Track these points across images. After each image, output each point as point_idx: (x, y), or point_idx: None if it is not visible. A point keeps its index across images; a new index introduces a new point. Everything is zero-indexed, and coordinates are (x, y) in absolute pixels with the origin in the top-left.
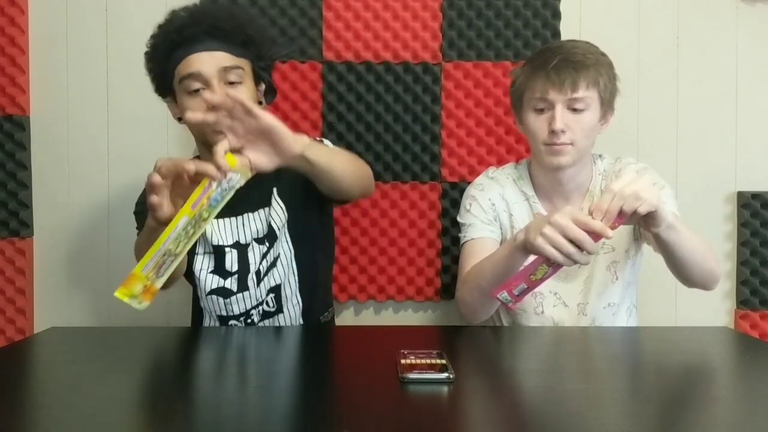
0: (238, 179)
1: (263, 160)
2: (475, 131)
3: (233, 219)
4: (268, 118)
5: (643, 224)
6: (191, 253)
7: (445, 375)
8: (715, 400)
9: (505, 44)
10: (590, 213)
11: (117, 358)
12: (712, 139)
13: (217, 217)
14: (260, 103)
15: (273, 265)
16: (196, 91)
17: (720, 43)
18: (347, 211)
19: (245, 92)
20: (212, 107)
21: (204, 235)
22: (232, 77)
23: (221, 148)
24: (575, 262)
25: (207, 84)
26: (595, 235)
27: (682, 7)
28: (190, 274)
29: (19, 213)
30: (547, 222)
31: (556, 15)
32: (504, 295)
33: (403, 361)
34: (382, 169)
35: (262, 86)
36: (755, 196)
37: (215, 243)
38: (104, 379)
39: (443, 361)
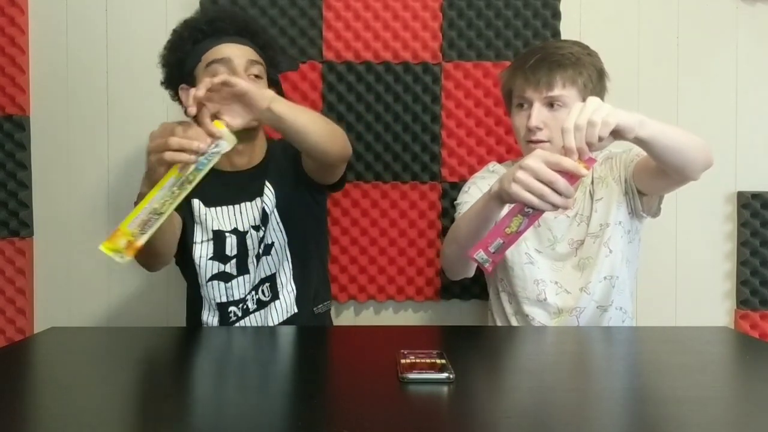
0: (224, 145)
1: (237, 119)
2: (475, 131)
3: (231, 207)
4: (242, 84)
5: (619, 138)
6: (190, 243)
7: (445, 375)
8: (715, 400)
9: (505, 44)
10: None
11: (117, 358)
12: (712, 139)
13: (216, 205)
14: None
15: (267, 252)
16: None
17: (720, 43)
18: (347, 210)
19: (265, 88)
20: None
21: (204, 223)
22: (255, 71)
23: (206, 117)
24: (552, 204)
25: (234, 71)
26: (571, 177)
27: (682, 7)
28: (189, 265)
29: (19, 213)
30: (519, 167)
31: (556, 15)
32: (480, 254)
33: (403, 361)
34: (382, 169)
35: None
36: (755, 196)
37: (215, 228)
38: (104, 379)
39: (443, 361)
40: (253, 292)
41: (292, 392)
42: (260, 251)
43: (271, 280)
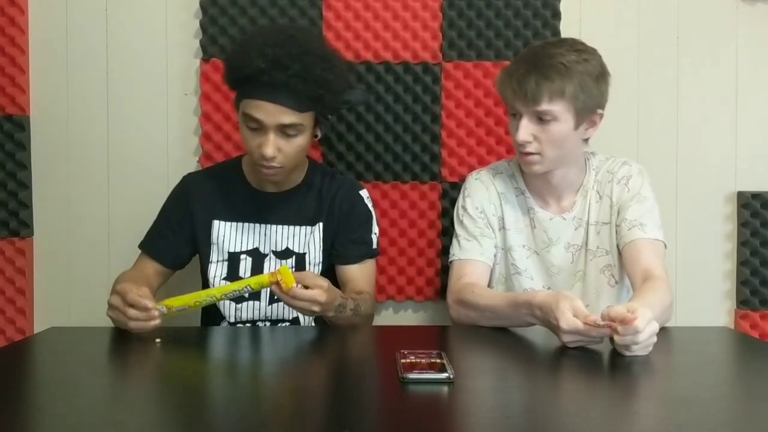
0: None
1: None
2: (475, 131)
3: (257, 225)
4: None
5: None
6: (206, 262)
7: (445, 375)
8: (715, 400)
9: (505, 44)
10: (603, 318)
11: (117, 358)
12: (712, 139)
13: (239, 221)
14: (315, 137)
15: None
16: (255, 129)
17: (720, 43)
18: None
19: (299, 142)
20: None
21: (220, 244)
22: (290, 131)
23: None
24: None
25: (265, 131)
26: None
27: (682, 7)
28: (204, 284)
29: (19, 213)
30: (561, 333)
31: (556, 15)
32: None
33: (403, 361)
34: (382, 169)
35: (321, 127)
36: (755, 196)
37: (231, 250)
38: (104, 379)
39: (443, 361)
40: (268, 322)
41: (293, 391)
42: None
43: (294, 321)
